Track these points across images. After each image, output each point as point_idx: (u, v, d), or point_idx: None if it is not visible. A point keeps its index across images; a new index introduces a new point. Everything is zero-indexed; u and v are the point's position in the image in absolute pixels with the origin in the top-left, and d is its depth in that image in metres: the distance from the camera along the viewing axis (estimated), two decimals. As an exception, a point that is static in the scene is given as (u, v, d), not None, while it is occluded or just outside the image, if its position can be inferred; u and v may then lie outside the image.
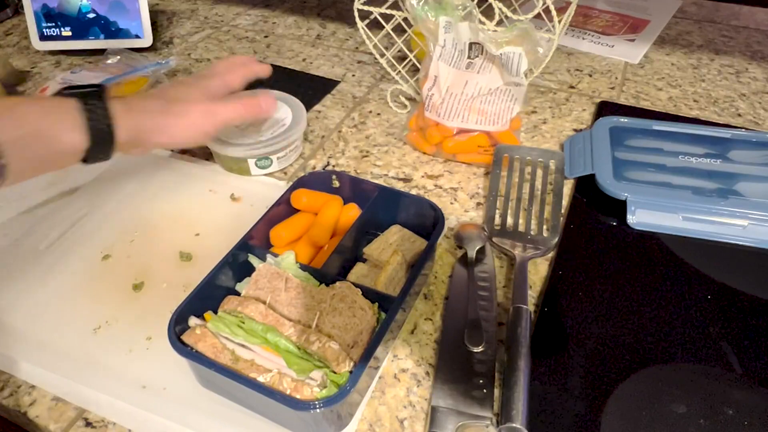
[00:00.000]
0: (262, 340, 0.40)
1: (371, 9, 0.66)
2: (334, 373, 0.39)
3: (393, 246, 0.51)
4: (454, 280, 0.51)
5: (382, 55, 0.70)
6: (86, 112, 0.44)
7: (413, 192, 0.61)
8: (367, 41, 0.69)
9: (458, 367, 0.44)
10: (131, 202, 0.60)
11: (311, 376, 0.39)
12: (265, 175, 0.64)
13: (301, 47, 0.90)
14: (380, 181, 0.62)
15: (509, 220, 0.57)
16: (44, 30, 0.86)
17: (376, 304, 0.43)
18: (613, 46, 0.86)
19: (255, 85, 0.61)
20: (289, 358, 0.39)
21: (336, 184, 0.54)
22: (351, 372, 0.39)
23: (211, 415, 0.42)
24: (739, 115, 0.72)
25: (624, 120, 0.66)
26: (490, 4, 0.61)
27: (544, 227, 0.56)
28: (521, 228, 0.56)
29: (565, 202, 0.59)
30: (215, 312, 0.43)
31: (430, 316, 0.49)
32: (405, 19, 0.66)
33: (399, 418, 0.42)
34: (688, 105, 0.74)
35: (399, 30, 0.70)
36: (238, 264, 0.47)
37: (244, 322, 0.41)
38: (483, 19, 0.61)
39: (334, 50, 0.88)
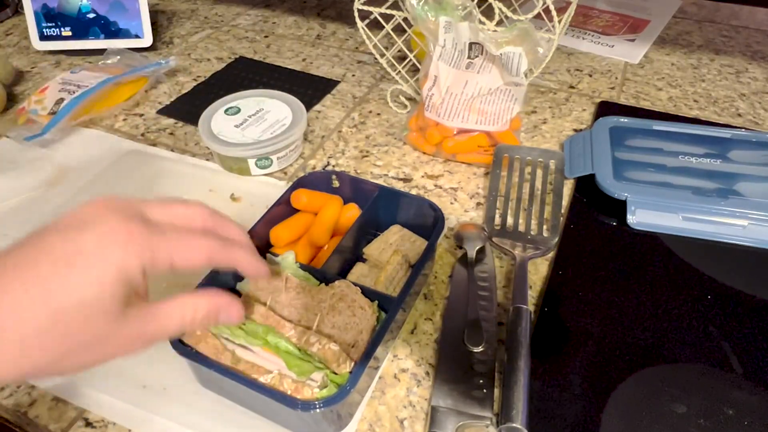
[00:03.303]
0: (262, 341, 0.40)
1: (371, 9, 0.66)
2: (335, 374, 0.39)
3: (393, 246, 0.51)
4: (454, 280, 0.51)
5: (382, 55, 0.70)
6: None
7: (413, 192, 0.61)
8: (367, 41, 0.69)
9: (458, 367, 0.44)
10: (131, 202, 0.60)
11: (312, 377, 0.39)
12: (265, 175, 0.64)
13: (301, 47, 0.90)
14: (380, 181, 0.62)
15: (509, 220, 0.57)
16: (44, 30, 0.86)
17: (376, 302, 0.43)
18: (613, 46, 0.86)
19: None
20: (290, 359, 0.39)
21: (336, 184, 0.54)
22: (351, 372, 0.39)
23: (211, 415, 0.42)
24: (739, 115, 0.72)
25: (624, 120, 0.66)
26: (490, 4, 0.60)
27: (544, 227, 0.56)
28: (521, 228, 0.56)
29: (565, 202, 0.59)
30: (215, 312, 0.43)
31: (430, 316, 0.49)
32: (405, 19, 0.66)
33: (399, 418, 0.42)
34: (688, 105, 0.74)
35: (399, 30, 0.70)
36: (238, 264, 0.47)
37: (244, 324, 0.41)
38: (483, 19, 0.61)
39: (334, 50, 0.88)
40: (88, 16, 0.86)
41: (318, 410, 0.36)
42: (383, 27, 0.68)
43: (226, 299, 0.34)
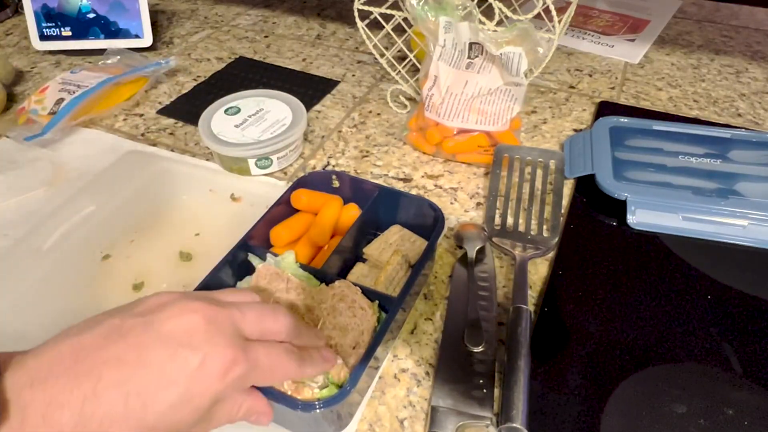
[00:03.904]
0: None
1: (371, 9, 0.66)
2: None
3: (393, 246, 0.51)
4: (454, 280, 0.51)
5: (382, 55, 0.70)
6: None
7: (413, 192, 0.61)
8: (367, 41, 0.69)
9: (458, 367, 0.44)
10: (131, 202, 0.60)
11: (313, 378, 0.39)
12: (265, 175, 0.64)
13: (301, 47, 0.90)
14: (380, 181, 0.62)
15: (509, 220, 0.57)
16: (44, 30, 0.86)
17: (376, 302, 0.43)
18: (613, 46, 0.86)
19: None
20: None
21: (336, 184, 0.54)
22: (350, 373, 0.39)
23: (211, 415, 0.42)
24: (739, 115, 0.72)
25: (624, 120, 0.66)
26: (490, 4, 0.60)
27: (544, 227, 0.56)
28: (521, 228, 0.56)
29: (565, 202, 0.59)
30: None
31: (430, 316, 0.49)
32: (405, 19, 0.66)
33: (399, 418, 0.42)
34: (688, 105, 0.74)
35: (399, 30, 0.70)
36: (237, 264, 0.47)
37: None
38: (483, 19, 0.61)
39: (334, 50, 0.88)
40: (88, 16, 0.86)
41: (318, 411, 0.36)
42: (383, 27, 0.68)
43: (265, 408, 0.35)
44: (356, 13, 0.66)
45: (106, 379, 0.27)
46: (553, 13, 0.57)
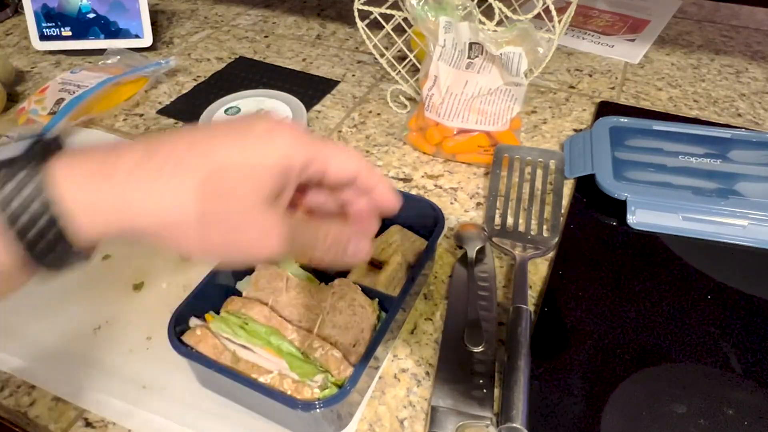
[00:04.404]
0: (264, 342, 0.40)
1: (371, 9, 0.66)
2: (334, 377, 0.39)
3: (393, 246, 0.51)
4: (454, 280, 0.51)
5: (382, 55, 0.70)
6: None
7: (413, 192, 0.61)
8: (367, 41, 0.69)
9: (458, 367, 0.44)
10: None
11: (313, 378, 0.39)
12: (265, 175, 0.64)
13: (301, 47, 0.90)
14: (380, 181, 0.62)
15: (509, 220, 0.57)
16: (44, 30, 0.86)
17: (376, 300, 0.43)
18: (613, 46, 0.86)
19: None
20: (293, 361, 0.39)
21: (336, 184, 0.54)
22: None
23: (211, 415, 0.42)
24: (739, 115, 0.72)
25: (624, 120, 0.66)
26: (490, 4, 0.61)
27: (544, 227, 0.56)
28: (521, 228, 0.56)
29: (565, 202, 0.59)
30: (216, 312, 0.43)
31: (430, 316, 0.49)
32: (405, 19, 0.66)
33: (399, 418, 0.42)
34: (688, 105, 0.74)
35: (399, 30, 0.70)
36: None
37: (247, 324, 0.41)
38: (483, 19, 0.61)
39: (334, 50, 0.88)
40: (88, 16, 0.86)
41: (318, 410, 0.36)
42: (383, 27, 0.68)
43: (353, 230, 0.31)
44: (356, 13, 0.66)
45: (166, 141, 0.27)
46: (553, 13, 0.57)
